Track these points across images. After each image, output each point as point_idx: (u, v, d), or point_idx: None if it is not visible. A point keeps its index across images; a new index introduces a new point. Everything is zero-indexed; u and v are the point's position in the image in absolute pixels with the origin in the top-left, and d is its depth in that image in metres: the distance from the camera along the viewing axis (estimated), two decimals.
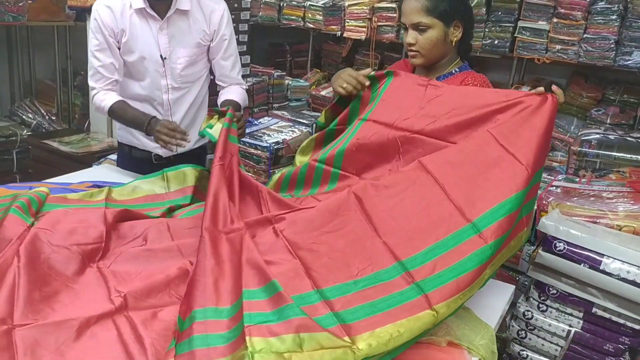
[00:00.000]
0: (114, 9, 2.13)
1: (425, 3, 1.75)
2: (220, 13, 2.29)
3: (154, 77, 2.23)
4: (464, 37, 1.81)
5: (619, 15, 3.40)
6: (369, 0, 4.25)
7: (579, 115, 3.88)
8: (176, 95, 2.28)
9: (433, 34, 1.75)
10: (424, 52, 1.79)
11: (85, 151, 3.02)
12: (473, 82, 1.78)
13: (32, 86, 4.09)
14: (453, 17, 1.76)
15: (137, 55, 2.18)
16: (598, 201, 1.92)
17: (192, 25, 2.23)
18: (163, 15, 2.16)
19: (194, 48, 2.25)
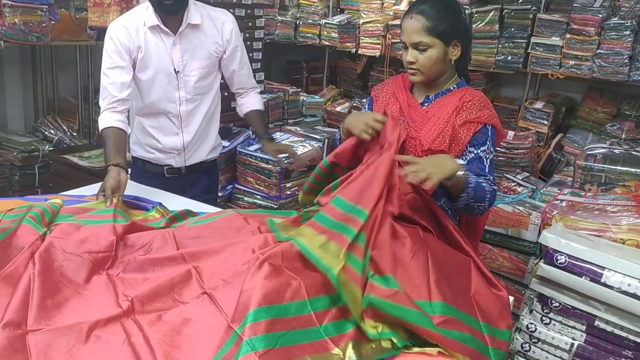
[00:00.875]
0: (129, 28, 2.21)
1: (426, 23, 1.78)
2: (230, 24, 2.36)
3: (169, 90, 2.29)
4: (462, 55, 1.84)
5: (632, 31, 3.40)
6: (383, 18, 4.32)
7: (594, 131, 3.86)
8: (190, 107, 2.34)
9: (433, 53, 1.79)
10: (424, 70, 1.82)
11: (102, 165, 3.10)
12: (472, 98, 1.80)
13: (55, 103, 4.23)
14: (452, 37, 1.79)
15: (152, 70, 2.25)
16: (602, 215, 1.91)
17: (204, 38, 2.30)
18: (175, 30, 2.23)
19: (207, 60, 2.31)
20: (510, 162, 3.55)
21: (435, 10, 1.79)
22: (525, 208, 2.41)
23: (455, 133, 1.77)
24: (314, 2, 4.64)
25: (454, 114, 1.79)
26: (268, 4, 3.64)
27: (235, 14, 3.21)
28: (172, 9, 2.15)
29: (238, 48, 2.40)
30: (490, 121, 1.77)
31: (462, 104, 1.79)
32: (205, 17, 2.30)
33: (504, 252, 2.48)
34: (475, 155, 1.74)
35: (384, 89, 2.00)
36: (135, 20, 2.23)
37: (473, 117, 1.76)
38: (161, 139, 2.37)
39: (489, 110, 1.79)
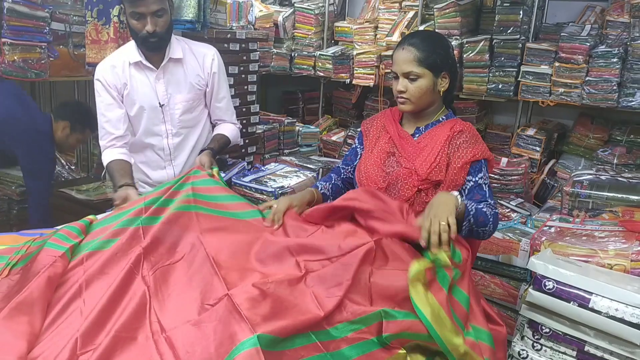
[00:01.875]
0: (114, 67, 2.28)
1: (417, 54, 1.85)
2: (211, 57, 2.41)
3: (155, 124, 2.34)
4: (449, 87, 1.90)
5: (619, 58, 3.47)
6: (376, 49, 4.41)
7: (586, 156, 3.91)
8: (176, 140, 2.38)
9: (423, 83, 1.85)
10: (414, 99, 1.88)
11: (100, 198, 3.15)
12: (462, 128, 1.86)
13: None
14: (442, 69, 1.86)
15: (138, 105, 2.31)
16: (590, 240, 1.94)
17: (187, 71, 2.35)
18: (158, 65, 2.29)
19: (190, 93, 2.36)
20: (504, 188, 3.58)
21: (426, 43, 1.87)
22: (515, 235, 2.44)
23: (450, 165, 1.82)
24: (308, 35, 4.74)
25: (446, 144, 1.84)
26: (262, 38, 3.72)
27: (230, 48, 3.29)
28: (156, 45, 2.22)
29: (219, 81, 2.44)
30: (484, 155, 1.85)
31: (453, 134, 1.84)
32: (187, 51, 2.35)
33: (496, 278, 2.50)
34: (475, 183, 1.81)
35: (373, 123, 2.06)
36: (121, 58, 2.30)
37: (469, 157, 1.83)
38: (150, 173, 2.42)
39: (480, 144, 1.86)
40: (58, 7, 3.62)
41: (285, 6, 4.85)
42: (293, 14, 4.75)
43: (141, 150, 2.40)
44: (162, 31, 2.19)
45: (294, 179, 2.97)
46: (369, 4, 4.82)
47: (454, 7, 3.99)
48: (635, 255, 1.83)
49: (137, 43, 2.26)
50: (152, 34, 2.16)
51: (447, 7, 4.01)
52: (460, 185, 1.82)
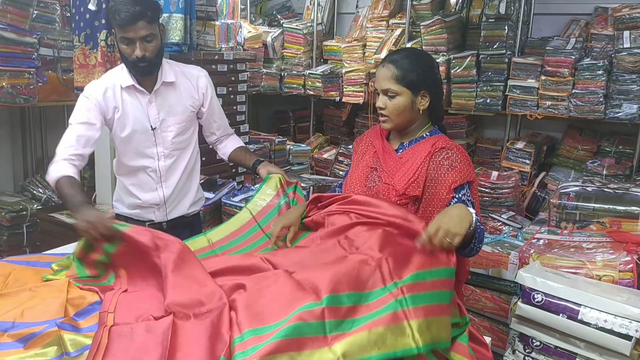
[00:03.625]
0: (106, 90, 2.26)
1: (395, 72, 1.85)
2: (204, 78, 2.43)
3: (147, 146, 2.32)
4: (432, 105, 1.89)
5: (605, 70, 3.50)
6: (365, 67, 4.45)
7: (575, 168, 3.93)
8: (168, 162, 2.37)
9: (401, 101, 1.85)
10: (392, 117, 1.88)
11: None
12: (444, 145, 1.83)
13: (44, 162, 4.27)
14: (420, 87, 1.84)
15: (130, 128, 2.29)
16: (578, 252, 1.94)
17: (179, 94, 2.35)
18: (150, 89, 2.29)
19: (183, 115, 2.35)
20: (495, 201, 3.59)
21: (406, 61, 1.86)
22: (505, 248, 2.43)
23: (429, 181, 1.80)
24: (297, 54, 4.78)
25: (426, 160, 1.83)
26: (250, 58, 3.75)
27: (218, 70, 3.32)
28: (146, 70, 2.21)
29: (214, 99, 2.47)
30: (467, 179, 1.79)
31: (434, 151, 1.82)
32: (179, 74, 2.36)
33: (486, 292, 2.49)
34: (458, 199, 1.77)
35: (363, 139, 2.06)
36: (112, 81, 2.29)
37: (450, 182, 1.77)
38: (141, 195, 2.39)
39: (463, 167, 1.79)
40: (46, 32, 3.64)
41: (273, 27, 4.90)
42: (282, 34, 4.79)
43: (133, 172, 2.38)
44: (152, 56, 2.18)
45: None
46: (356, 22, 4.87)
47: (440, 24, 4.03)
48: (623, 265, 1.83)
49: (128, 68, 2.26)
50: (142, 58, 2.15)
51: (434, 24, 4.05)
52: (443, 205, 1.79)
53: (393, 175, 1.86)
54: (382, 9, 4.57)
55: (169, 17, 2.92)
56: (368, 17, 4.67)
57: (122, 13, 2.08)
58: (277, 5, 5.28)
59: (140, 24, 2.10)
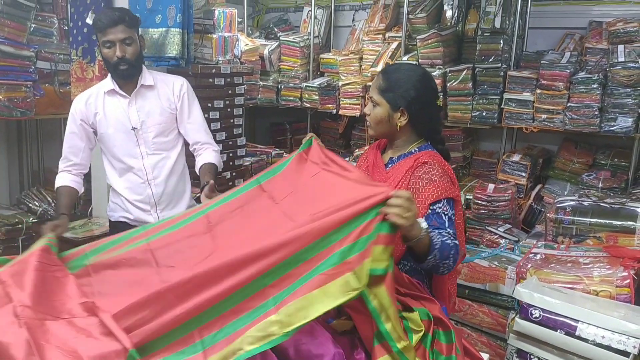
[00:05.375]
0: (89, 98, 2.48)
1: (381, 83, 1.86)
2: (180, 83, 2.59)
3: (130, 147, 2.49)
4: (415, 123, 1.84)
5: (600, 84, 3.53)
6: (361, 80, 4.46)
7: (571, 181, 3.95)
8: (153, 160, 2.51)
9: (379, 112, 1.85)
10: (373, 124, 1.89)
11: (86, 235, 3.12)
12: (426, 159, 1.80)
13: (40, 174, 4.27)
14: (398, 104, 1.81)
15: (112, 129, 2.47)
16: (575, 267, 1.94)
17: (158, 95, 2.52)
18: (130, 92, 2.48)
19: (162, 116, 2.51)
20: (492, 214, 3.60)
21: (394, 75, 1.86)
22: (501, 263, 2.44)
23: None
24: (294, 67, 4.79)
25: (407, 174, 1.80)
26: (247, 72, 3.76)
27: (215, 83, 3.33)
28: (128, 73, 2.42)
29: (189, 103, 2.59)
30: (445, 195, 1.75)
31: (416, 165, 1.79)
32: (158, 80, 2.56)
33: (484, 307, 2.49)
34: (432, 211, 1.73)
35: (364, 154, 2.08)
36: (96, 89, 2.53)
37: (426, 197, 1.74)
38: (133, 197, 2.53)
39: (441, 183, 1.75)
40: (44, 46, 3.65)
41: (270, 39, 4.91)
42: (278, 47, 4.81)
43: (122, 174, 2.54)
44: (132, 59, 2.39)
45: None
46: (353, 35, 4.89)
47: (436, 37, 4.05)
48: (620, 281, 1.83)
49: (110, 71, 2.46)
50: (122, 59, 2.36)
51: (430, 37, 4.07)
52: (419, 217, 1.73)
53: None
54: (379, 23, 4.59)
55: (167, 31, 2.94)
56: (365, 30, 4.69)
57: (104, 18, 2.35)
58: (274, 19, 5.30)
59: (120, 27, 2.34)
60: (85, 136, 2.50)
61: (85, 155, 2.53)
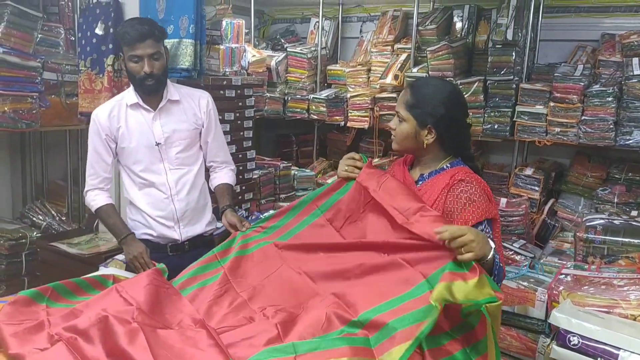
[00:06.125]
0: (111, 111, 2.39)
1: (408, 98, 1.81)
2: (206, 99, 2.54)
3: (153, 162, 2.41)
4: (445, 140, 1.80)
5: (614, 97, 3.48)
6: (370, 92, 4.40)
7: (585, 195, 3.88)
8: (176, 175, 2.45)
9: (405, 128, 1.80)
10: (397, 140, 1.85)
11: (92, 252, 3.04)
12: (463, 177, 1.74)
13: (44, 187, 4.19)
14: (426, 121, 1.77)
15: (134, 143, 2.39)
16: (610, 289, 1.87)
17: (183, 111, 2.46)
18: (155, 106, 2.41)
19: (187, 131, 2.45)
20: (505, 229, 3.53)
21: (423, 90, 1.81)
22: (530, 283, 2.35)
23: (445, 214, 1.72)
24: (301, 79, 4.74)
25: (443, 192, 1.75)
26: (257, 84, 3.70)
27: (226, 95, 3.27)
28: (154, 88, 2.36)
29: (215, 120, 2.56)
30: (486, 216, 1.70)
31: (453, 183, 1.74)
32: (183, 94, 2.50)
33: (512, 330, 2.40)
34: None
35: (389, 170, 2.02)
36: (118, 101, 2.44)
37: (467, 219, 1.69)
38: (155, 213, 2.45)
39: (482, 203, 1.70)
40: (50, 56, 3.59)
41: (277, 51, 4.86)
42: (285, 58, 4.76)
43: (143, 190, 2.46)
44: (159, 73, 2.33)
45: None
46: (360, 47, 4.85)
47: (447, 49, 4.01)
48: None
49: (135, 86, 2.38)
50: (150, 74, 2.29)
51: (440, 49, 4.02)
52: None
53: None
54: (387, 34, 4.55)
55: (179, 42, 2.87)
56: (373, 41, 4.65)
57: (132, 32, 2.26)
58: (280, 30, 5.25)
59: (149, 42, 2.28)
60: (111, 150, 2.44)
61: (111, 169, 2.48)
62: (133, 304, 1.60)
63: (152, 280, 1.75)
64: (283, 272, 1.84)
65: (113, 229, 2.42)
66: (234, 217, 2.26)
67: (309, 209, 1.97)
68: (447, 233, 1.46)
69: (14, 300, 1.69)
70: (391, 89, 4.27)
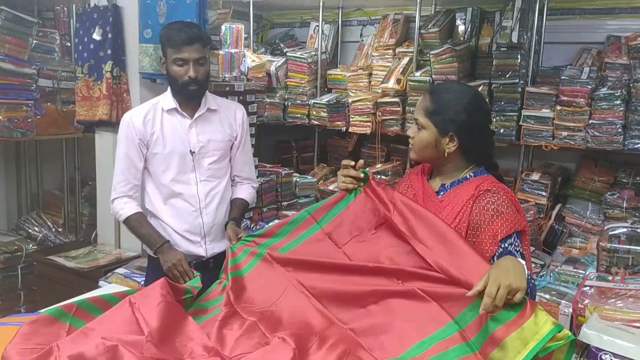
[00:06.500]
0: (146, 114, 2.32)
1: (428, 104, 1.73)
2: (242, 112, 2.50)
3: (184, 171, 2.34)
4: (467, 148, 1.72)
5: (623, 100, 3.41)
6: (372, 96, 4.33)
7: (592, 200, 3.82)
8: (207, 187, 2.37)
9: (425, 136, 1.72)
10: (416, 148, 1.77)
11: (91, 266, 2.94)
12: (489, 187, 1.66)
13: (39, 197, 4.09)
14: (447, 129, 1.69)
15: (168, 150, 2.32)
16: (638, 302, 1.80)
17: (220, 121, 2.41)
18: (192, 113, 2.34)
19: (222, 142, 2.40)
20: None
21: (443, 96, 1.73)
22: (552, 296, 2.26)
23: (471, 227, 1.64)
24: (301, 84, 4.66)
25: (468, 204, 1.66)
26: (260, 89, 3.62)
27: None
28: (196, 94, 2.30)
29: (247, 134, 2.53)
30: (516, 228, 1.62)
31: (479, 194, 1.66)
32: (220, 105, 2.45)
33: None
34: (503, 249, 1.59)
35: (403, 181, 1.93)
36: (153, 105, 2.36)
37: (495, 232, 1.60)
38: (181, 226, 2.36)
39: (511, 215, 1.62)
40: (45, 63, 3.50)
41: (277, 55, 4.78)
42: (285, 63, 4.68)
43: (169, 201, 2.38)
44: (202, 79, 2.29)
45: None
46: (361, 51, 4.78)
47: (451, 52, 3.94)
48: None
49: (176, 90, 2.32)
50: (194, 80, 2.24)
51: (444, 52, 3.96)
52: (487, 257, 1.59)
53: None
54: (388, 38, 4.48)
55: None
56: (374, 45, 4.58)
57: (180, 34, 2.21)
58: (280, 34, 5.18)
59: (196, 46, 2.23)
60: (143, 156, 2.34)
61: (141, 176, 2.39)
62: (144, 330, 1.51)
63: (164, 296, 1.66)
64: (290, 296, 1.76)
65: (147, 238, 2.33)
66: (231, 230, 2.20)
67: (307, 224, 1.89)
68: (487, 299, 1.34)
69: (35, 319, 1.59)
70: (393, 93, 4.20)
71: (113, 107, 3.00)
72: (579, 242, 3.55)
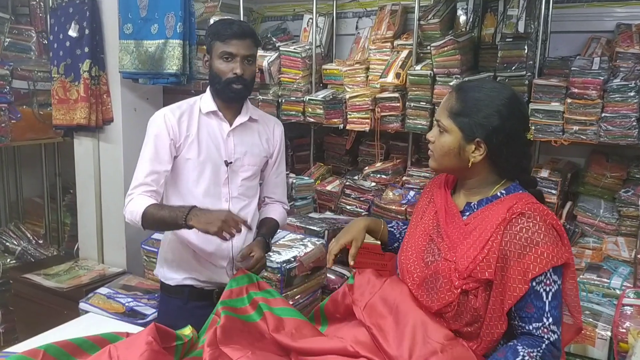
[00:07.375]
0: (181, 114, 2.11)
1: (453, 104, 1.49)
2: (280, 129, 2.34)
3: (216, 184, 2.13)
4: (496, 159, 1.49)
5: (637, 92, 3.23)
6: (370, 92, 4.11)
7: (604, 197, 3.65)
8: (238, 206, 2.17)
9: (447, 141, 1.49)
10: (436, 155, 1.54)
11: (72, 285, 2.70)
12: (523, 209, 1.42)
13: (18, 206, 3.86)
14: (474, 134, 1.46)
15: (203, 156, 2.11)
16: None
17: (259, 134, 2.23)
18: (232, 120, 2.15)
19: (258, 157, 2.22)
20: None
21: (473, 94, 1.47)
22: (586, 316, 2.03)
23: (502, 258, 1.41)
24: (295, 79, 4.43)
25: (499, 229, 1.40)
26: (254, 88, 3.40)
27: None
28: (241, 95, 2.11)
29: (283, 153, 2.36)
30: (556, 263, 1.37)
31: (511, 217, 1.40)
32: (260, 116, 2.28)
33: None
34: (530, 288, 1.36)
35: (425, 193, 1.68)
36: (190, 105, 2.16)
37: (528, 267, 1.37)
38: (207, 248, 2.13)
39: (550, 245, 1.37)
40: (20, 63, 3.26)
41: (269, 50, 4.55)
42: (278, 58, 4.45)
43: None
44: (248, 80, 2.12)
45: (301, 248, 2.61)
46: (357, 44, 4.57)
47: (453, 44, 3.74)
48: None
49: (218, 89, 2.12)
50: (239, 78, 2.06)
51: (446, 44, 3.75)
52: (514, 297, 1.36)
53: (456, 249, 1.44)
54: (386, 30, 4.26)
55: (165, 43, 2.57)
56: (370, 38, 4.37)
57: (232, 27, 2.04)
58: (271, 28, 4.96)
59: (247, 42, 2.07)
60: (172, 159, 2.10)
61: (164, 184, 2.13)
62: None
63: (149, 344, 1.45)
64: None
65: (170, 215, 1.96)
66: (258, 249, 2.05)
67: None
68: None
69: None
70: (392, 88, 3.99)
71: (92, 110, 2.75)
72: (592, 242, 3.40)
